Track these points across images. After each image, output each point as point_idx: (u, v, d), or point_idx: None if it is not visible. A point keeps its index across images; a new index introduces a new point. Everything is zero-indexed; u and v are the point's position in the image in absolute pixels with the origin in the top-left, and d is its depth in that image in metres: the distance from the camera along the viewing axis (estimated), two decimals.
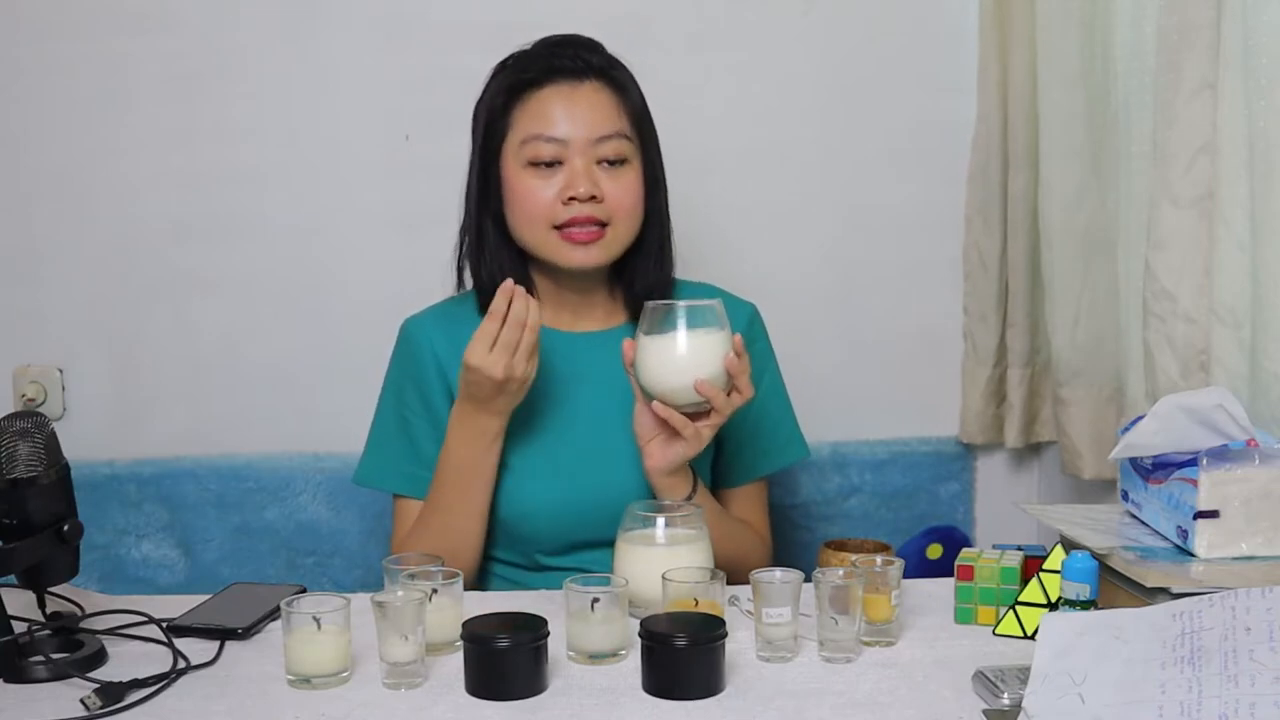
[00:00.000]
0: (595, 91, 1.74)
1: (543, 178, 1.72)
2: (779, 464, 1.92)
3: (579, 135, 1.72)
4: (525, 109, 1.74)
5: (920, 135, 2.35)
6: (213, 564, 2.35)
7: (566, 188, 1.71)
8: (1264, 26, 1.56)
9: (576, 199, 1.70)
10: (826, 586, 1.40)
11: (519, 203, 1.74)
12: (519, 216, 1.74)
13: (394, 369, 1.84)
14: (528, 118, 1.73)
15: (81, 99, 2.28)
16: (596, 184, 1.71)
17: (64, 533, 1.39)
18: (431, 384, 1.79)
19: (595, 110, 1.73)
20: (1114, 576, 1.43)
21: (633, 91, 1.78)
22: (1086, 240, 2.05)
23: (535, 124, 1.73)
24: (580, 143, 1.72)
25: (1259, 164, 1.58)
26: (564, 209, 1.71)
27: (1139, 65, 1.88)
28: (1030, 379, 2.31)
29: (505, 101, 1.75)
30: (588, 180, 1.71)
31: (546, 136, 1.72)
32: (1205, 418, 1.44)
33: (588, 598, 1.40)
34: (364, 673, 1.38)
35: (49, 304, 2.34)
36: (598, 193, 1.71)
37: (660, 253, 1.81)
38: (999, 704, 1.27)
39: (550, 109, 1.73)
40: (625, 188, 1.74)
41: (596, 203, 1.71)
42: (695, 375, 1.58)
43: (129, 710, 1.30)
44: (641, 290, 1.79)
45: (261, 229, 2.32)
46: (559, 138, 1.71)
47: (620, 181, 1.74)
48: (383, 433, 1.83)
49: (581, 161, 1.71)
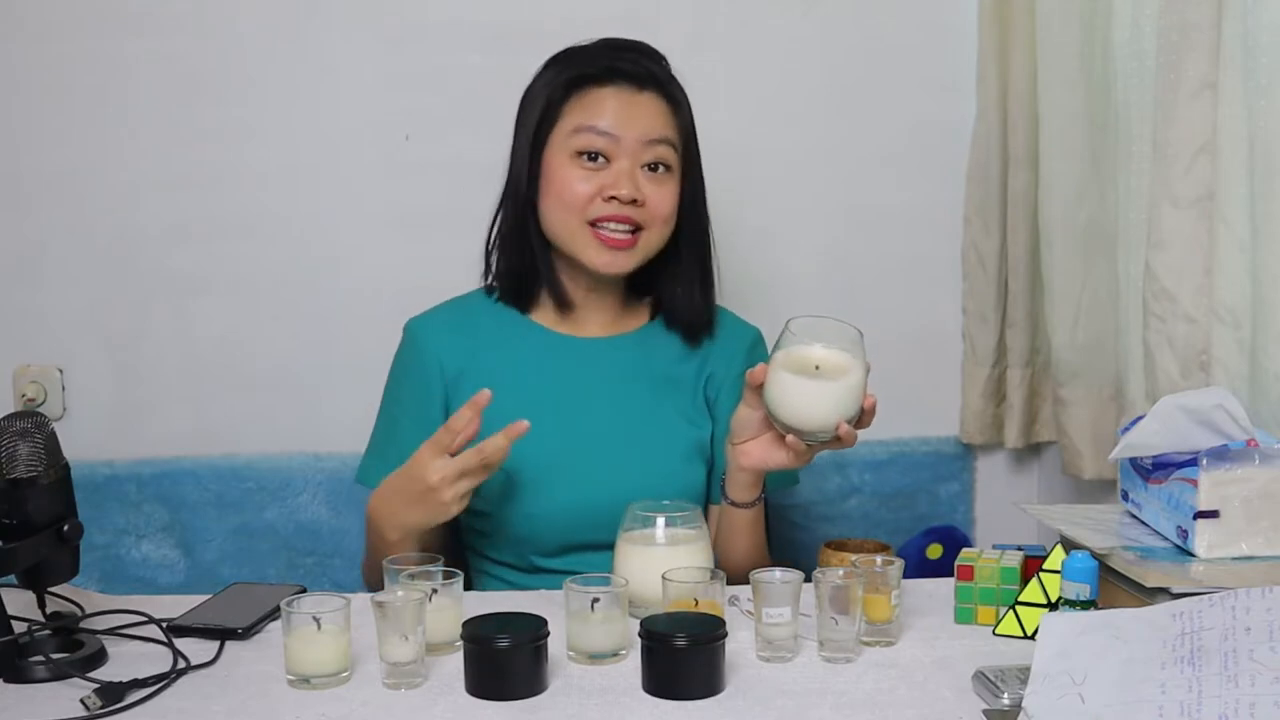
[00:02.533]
0: (652, 101, 1.76)
1: (587, 171, 1.72)
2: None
3: (630, 135, 1.72)
4: (582, 101, 1.74)
5: (920, 135, 2.35)
6: (213, 564, 2.35)
7: (610, 186, 1.71)
8: (1264, 26, 1.56)
9: (618, 198, 1.71)
10: (826, 586, 1.40)
11: (558, 191, 1.73)
12: (554, 204, 1.74)
13: (395, 368, 1.84)
14: (582, 109, 1.74)
15: (81, 99, 2.28)
16: (639, 187, 1.72)
17: (64, 533, 1.39)
18: (430, 386, 1.79)
19: (649, 116, 1.75)
20: (1114, 576, 1.43)
21: (685, 109, 1.79)
22: (1086, 240, 2.05)
23: (589, 116, 1.73)
24: (630, 143, 1.72)
25: (1259, 164, 1.58)
26: (603, 205, 1.71)
27: (1139, 65, 1.88)
28: (1030, 379, 2.31)
29: (564, 92, 1.75)
30: (631, 182, 1.71)
31: (600, 129, 1.72)
32: (1205, 418, 1.44)
33: (588, 598, 1.40)
34: (364, 673, 1.38)
35: (49, 304, 2.34)
36: (639, 196, 1.72)
37: (704, 277, 1.81)
38: (999, 704, 1.27)
39: (606, 105, 1.73)
40: (665, 196, 1.75)
41: (636, 206, 1.72)
42: (840, 416, 1.54)
43: (129, 710, 1.30)
44: (690, 314, 1.80)
45: (261, 229, 2.32)
46: (611, 132, 1.72)
47: (662, 188, 1.74)
48: (381, 433, 1.83)
49: (628, 163, 1.72)
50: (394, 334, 1.85)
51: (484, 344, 1.80)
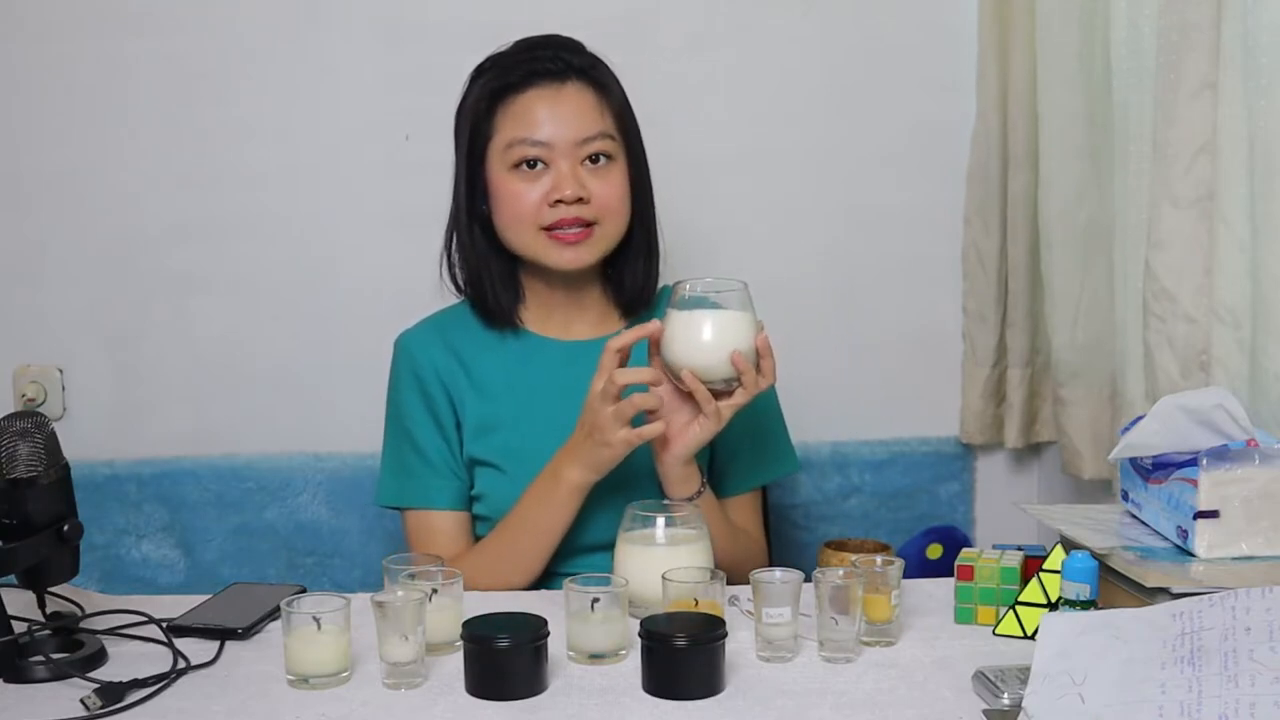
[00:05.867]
0: (578, 92, 1.75)
1: (528, 180, 1.72)
2: (772, 475, 1.92)
3: (563, 137, 1.72)
4: (508, 113, 1.74)
5: (920, 135, 2.35)
6: (213, 564, 2.35)
7: (553, 190, 1.71)
8: (1264, 26, 1.56)
9: (563, 201, 1.71)
10: (826, 586, 1.40)
11: (505, 206, 1.74)
12: (506, 219, 1.75)
13: (395, 384, 1.83)
14: (511, 121, 1.74)
15: (81, 99, 2.28)
16: (583, 185, 1.72)
17: (64, 533, 1.39)
18: (435, 393, 1.78)
19: (579, 111, 1.74)
20: (1114, 576, 1.43)
21: (615, 90, 1.78)
22: (1086, 240, 2.05)
23: (519, 128, 1.73)
24: (565, 145, 1.72)
25: (1259, 164, 1.58)
26: (551, 211, 1.71)
27: (1139, 65, 1.88)
28: (1030, 379, 2.31)
29: (488, 106, 1.75)
30: (574, 182, 1.71)
31: (531, 140, 1.72)
32: (1205, 418, 1.43)
33: (588, 598, 1.40)
34: (364, 673, 1.38)
35: (49, 304, 2.34)
36: (584, 194, 1.71)
37: (648, 250, 1.81)
38: (999, 704, 1.27)
39: (534, 112, 1.73)
40: (611, 186, 1.74)
41: (583, 204, 1.72)
42: (731, 348, 1.58)
43: (129, 710, 1.30)
44: (631, 290, 1.80)
45: (261, 229, 2.32)
46: (543, 140, 1.72)
47: (606, 180, 1.74)
48: (396, 448, 1.82)
49: (567, 164, 1.72)
50: (394, 334, 1.85)
51: (473, 353, 1.80)
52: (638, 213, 1.79)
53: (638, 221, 1.79)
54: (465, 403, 1.78)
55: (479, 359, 1.80)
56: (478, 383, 1.79)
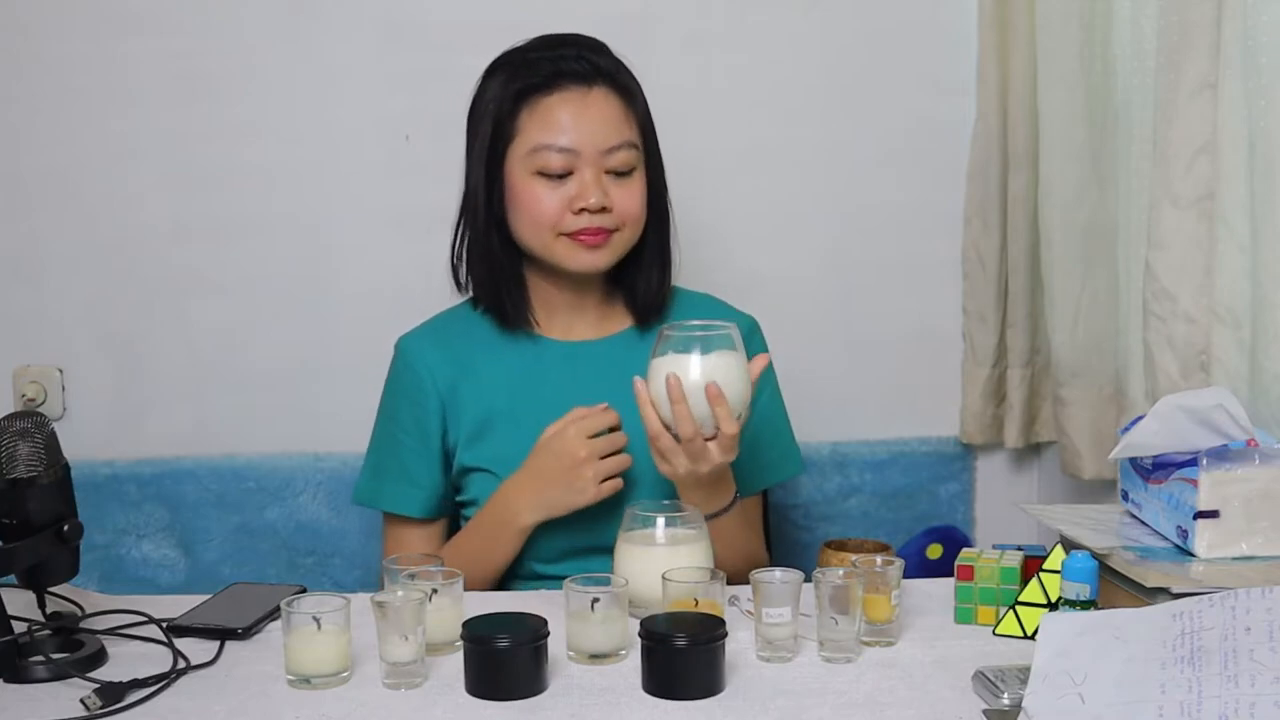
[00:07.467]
0: (604, 98, 1.73)
1: (551, 185, 1.71)
2: (776, 479, 1.92)
3: (589, 146, 1.71)
4: (533, 115, 1.72)
5: (919, 135, 2.35)
6: (213, 564, 2.35)
7: (577, 198, 1.70)
8: (1264, 26, 1.56)
9: (587, 209, 1.70)
10: (826, 586, 1.40)
11: (525, 209, 1.73)
12: (525, 222, 1.74)
13: (389, 387, 1.84)
14: (536, 125, 1.72)
15: (81, 99, 2.28)
16: (606, 194, 1.71)
17: (64, 533, 1.39)
18: (427, 403, 1.78)
19: (605, 120, 1.72)
20: (1114, 576, 1.43)
21: (639, 98, 1.77)
22: (1086, 240, 2.05)
23: (544, 133, 1.71)
24: (590, 153, 1.71)
25: (1259, 164, 1.58)
26: (573, 218, 1.71)
27: (1139, 65, 1.88)
28: (1030, 379, 2.31)
29: (513, 106, 1.73)
30: (598, 191, 1.70)
31: (557, 147, 1.70)
32: (1205, 418, 1.44)
33: (588, 598, 1.40)
34: (364, 673, 1.38)
35: (49, 304, 2.34)
36: (607, 203, 1.71)
37: (662, 258, 1.81)
38: (999, 704, 1.27)
39: (559, 117, 1.71)
40: (632, 196, 1.74)
41: (606, 213, 1.71)
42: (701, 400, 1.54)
43: (129, 710, 1.30)
44: (645, 297, 1.80)
45: (262, 229, 2.32)
46: (569, 148, 1.70)
47: (628, 190, 1.74)
48: (379, 452, 1.83)
49: (591, 172, 1.71)
50: (394, 334, 1.85)
51: (474, 355, 1.80)
52: (654, 220, 1.78)
53: (653, 229, 1.79)
54: (462, 407, 1.78)
55: (480, 360, 1.80)
56: (477, 384, 1.78)
